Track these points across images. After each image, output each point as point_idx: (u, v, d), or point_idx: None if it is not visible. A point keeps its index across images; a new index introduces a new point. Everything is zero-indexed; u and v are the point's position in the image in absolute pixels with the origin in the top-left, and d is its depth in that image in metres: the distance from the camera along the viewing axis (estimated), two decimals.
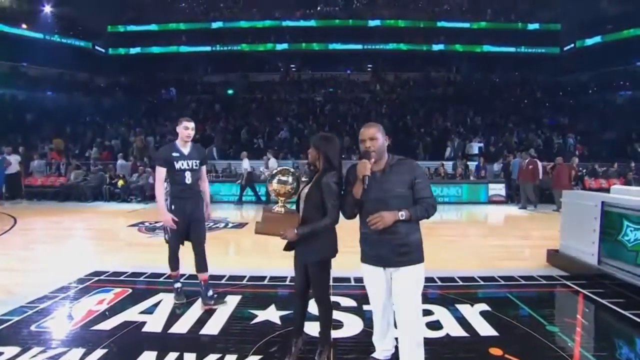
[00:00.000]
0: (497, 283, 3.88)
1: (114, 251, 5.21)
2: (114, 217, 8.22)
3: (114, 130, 16.13)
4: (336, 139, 2.28)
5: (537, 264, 4.51)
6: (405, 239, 2.02)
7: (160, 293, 3.52)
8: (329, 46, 24.05)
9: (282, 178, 2.19)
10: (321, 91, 21.60)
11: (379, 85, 22.17)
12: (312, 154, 2.27)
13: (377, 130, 2.06)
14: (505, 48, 23.32)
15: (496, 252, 5.22)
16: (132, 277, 3.97)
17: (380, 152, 2.05)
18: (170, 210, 3.11)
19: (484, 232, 7.10)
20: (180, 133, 3.14)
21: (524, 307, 3.25)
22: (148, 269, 4.19)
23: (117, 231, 6.64)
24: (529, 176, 9.18)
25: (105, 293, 3.54)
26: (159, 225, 7.04)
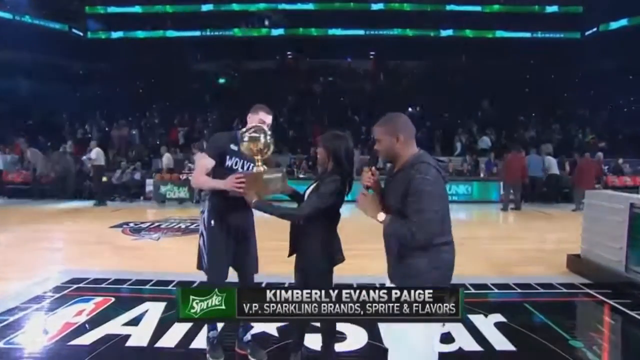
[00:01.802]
0: (513, 291, 3.85)
1: (94, 256, 5.15)
2: (95, 217, 8.14)
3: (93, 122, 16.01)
4: (348, 138, 2.21)
5: (555, 270, 4.48)
6: (398, 258, 1.74)
7: (147, 302, 3.46)
8: (328, 32, 23.90)
9: (254, 135, 2.16)
10: (319, 80, 21.50)
11: (382, 75, 22.07)
12: (322, 154, 2.21)
13: (381, 130, 1.80)
14: (520, 33, 23.03)
15: (510, 256, 5.19)
16: (114, 285, 3.91)
17: (387, 155, 1.82)
18: (209, 227, 2.51)
19: (496, 234, 7.07)
20: (251, 124, 2.43)
21: (543, 318, 3.22)
22: (133, 275, 4.13)
23: (98, 233, 6.56)
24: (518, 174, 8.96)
25: (85, 303, 3.47)
26: (146, 226, 7.01)
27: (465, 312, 3.17)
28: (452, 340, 2.82)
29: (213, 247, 2.51)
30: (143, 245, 5.75)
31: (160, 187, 9.67)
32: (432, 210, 1.60)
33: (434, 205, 1.61)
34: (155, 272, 4.27)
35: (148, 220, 7.72)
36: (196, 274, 3.79)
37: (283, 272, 2.65)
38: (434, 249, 1.68)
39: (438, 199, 1.63)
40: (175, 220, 7.62)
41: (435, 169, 1.68)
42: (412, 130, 1.80)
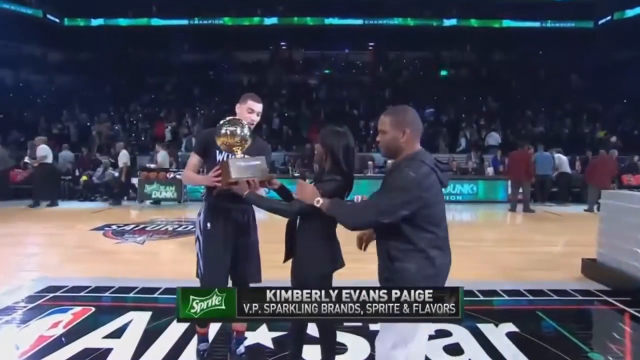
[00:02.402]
0: (525, 298, 3.83)
1: (73, 261, 5.07)
2: (74, 219, 8.07)
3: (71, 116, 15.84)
4: (349, 135, 2.18)
5: (569, 275, 4.46)
6: (388, 262, 1.77)
7: (130, 312, 3.39)
8: (325, 21, 23.81)
9: (230, 129, 2.17)
10: (315, 73, 21.45)
11: (381, 67, 22.05)
12: (319, 152, 2.18)
13: (388, 121, 1.80)
14: (528, 23, 22.92)
15: (519, 260, 5.17)
16: (95, 293, 3.83)
17: (388, 148, 1.83)
18: (205, 230, 2.46)
19: (504, 237, 7.08)
20: (240, 115, 2.44)
21: (558, 327, 3.18)
22: (115, 282, 4.06)
23: (77, 236, 6.50)
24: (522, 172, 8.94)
25: (62, 314, 3.39)
26: (130, 228, 6.93)
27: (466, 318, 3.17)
28: (462, 352, 2.78)
29: (209, 253, 2.44)
30: (127, 249, 5.68)
31: (146, 187, 9.58)
32: (388, 202, 1.65)
33: (396, 199, 1.64)
34: (140, 278, 4.20)
35: (132, 222, 7.65)
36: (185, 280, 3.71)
37: (278, 278, 2.59)
38: (422, 255, 1.69)
39: (406, 198, 1.64)
40: (161, 222, 7.57)
41: (431, 169, 1.69)
42: (419, 127, 1.80)
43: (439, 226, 1.73)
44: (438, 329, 2.97)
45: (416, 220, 1.69)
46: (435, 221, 1.71)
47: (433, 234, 1.71)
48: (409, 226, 1.70)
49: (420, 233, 1.70)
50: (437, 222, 1.72)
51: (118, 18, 23.55)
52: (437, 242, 1.72)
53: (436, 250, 1.72)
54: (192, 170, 2.50)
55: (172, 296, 3.75)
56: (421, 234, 1.70)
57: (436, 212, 1.72)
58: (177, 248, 5.74)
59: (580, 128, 14.92)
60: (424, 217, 1.69)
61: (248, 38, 23.27)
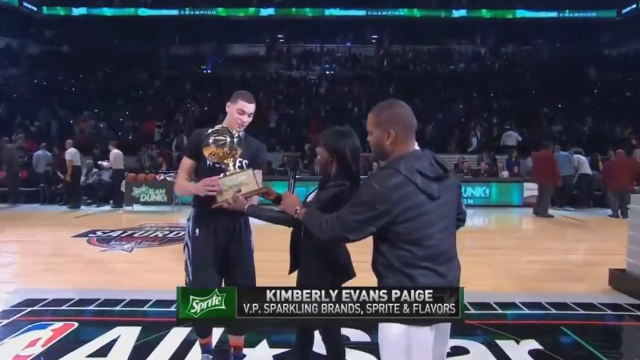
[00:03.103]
0: (547, 312, 3.77)
1: (53, 271, 4.99)
2: (55, 224, 8.00)
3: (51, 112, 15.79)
4: (354, 136, 2.16)
5: (595, 287, 4.40)
6: (376, 276, 1.71)
7: (117, 327, 3.32)
8: (325, 12, 23.90)
9: (217, 138, 2.19)
10: (315, 68, 21.48)
11: (386, 61, 22.08)
12: (323, 156, 2.16)
13: (372, 120, 1.72)
14: (544, 13, 23.04)
15: (539, 269, 5.13)
16: (77, 306, 3.76)
17: (375, 151, 1.76)
18: (194, 236, 2.48)
19: (520, 244, 7.04)
20: (230, 115, 2.43)
21: (587, 345, 3.12)
22: (101, 294, 4.00)
23: (58, 243, 6.43)
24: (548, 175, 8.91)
25: (41, 330, 3.31)
26: (117, 234, 6.88)
27: (483, 333, 3.11)
28: None
29: (198, 261, 2.46)
30: (113, 257, 5.62)
31: (134, 190, 9.54)
32: (352, 218, 1.62)
33: (360, 215, 1.60)
34: (128, 289, 4.15)
35: (119, 227, 7.58)
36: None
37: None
38: (399, 272, 1.61)
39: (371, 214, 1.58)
40: (150, 228, 7.54)
41: (407, 179, 1.57)
42: (408, 126, 1.68)
43: (418, 244, 1.60)
44: (454, 346, 2.92)
45: (387, 236, 1.61)
46: (410, 239, 1.60)
47: (408, 252, 1.60)
48: (383, 242, 1.64)
49: (394, 250, 1.62)
50: (413, 240, 1.60)
51: (102, 7, 23.57)
52: (413, 261, 1.61)
53: (417, 269, 1.61)
54: (185, 175, 2.52)
55: (164, 309, 3.70)
56: (395, 252, 1.62)
57: (412, 229, 1.59)
58: (168, 256, 5.67)
59: (601, 126, 14.89)
60: (395, 234, 1.60)
61: (243, 30, 23.32)
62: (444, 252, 1.68)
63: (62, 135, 13.93)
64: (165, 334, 3.20)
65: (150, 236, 6.88)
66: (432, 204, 1.62)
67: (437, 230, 1.64)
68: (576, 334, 3.28)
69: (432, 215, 1.62)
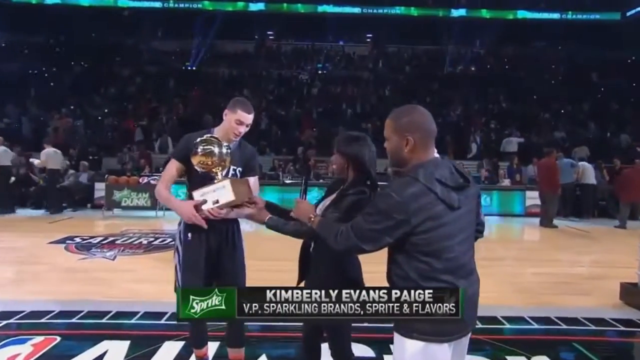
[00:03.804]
0: (556, 327, 3.81)
1: (29, 280, 4.91)
2: (28, 229, 7.89)
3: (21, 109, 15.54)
4: (369, 141, 2.21)
5: (604, 301, 4.46)
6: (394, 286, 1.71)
7: (105, 341, 3.27)
8: (318, 8, 23.98)
9: (206, 147, 2.28)
10: (307, 67, 21.52)
11: (381, 61, 22.22)
12: (338, 162, 2.22)
13: (390, 126, 1.74)
14: (546, 14, 23.40)
15: (544, 282, 5.19)
16: (59, 319, 3.70)
17: (392, 158, 1.77)
18: (186, 241, 2.53)
19: (524, 255, 7.14)
20: (227, 123, 2.50)
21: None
22: (83, 305, 3.94)
23: (33, 251, 6.31)
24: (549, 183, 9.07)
25: (19, 345, 3.23)
26: (97, 241, 6.79)
27: (492, 349, 3.15)
28: None
29: (189, 266, 2.51)
30: (95, 266, 5.54)
31: (115, 193, 9.42)
32: (369, 227, 1.63)
33: (377, 224, 1.61)
34: (114, 300, 4.11)
35: (99, 234, 7.51)
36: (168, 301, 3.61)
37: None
38: (414, 284, 1.62)
39: (388, 224, 1.59)
40: (134, 235, 7.47)
41: (427, 188, 1.58)
42: (428, 132, 1.69)
43: (437, 257, 1.61)
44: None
45: (405, 247, 1.62)
46: (428, 250, 1.61)
47: (426, 264, 1.61)
48: (399, 253, 1.65)
49: (411, 262, 1.63)
50: (432, 251, 1.61)
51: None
52: (431, 274, 1.61)
53: (435, 282, 1.62)
54: (169, 180, 2.54)
55: (154, 321, 3.67)
56: (412, 263, 1.63)
57: (431, 240, 1.60)
58: (155, 265, 5.62)
59: (605, 133, 15.16)
60: (413, 245, 1.61)
61: (230, 25, 23.26)
62: (464, 265, 1.69)
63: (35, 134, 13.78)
64: (157, 348, 3.17)
65: (134, 243, 6.81)
66: (452, 214, 1.62)
67: (457, 242, 1.65)
68: (589, 350, 3.32)
69: (452, 226, 1.63)
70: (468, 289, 1.68)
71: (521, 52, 22.68)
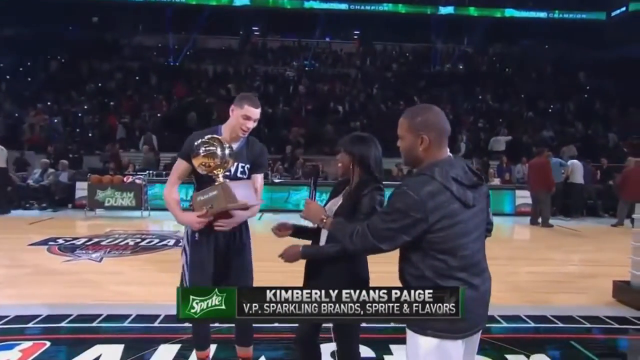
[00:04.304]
0: (553, 325, 3.90)
1: (11, 284, 4.80)
2: (8, 231, 7.77)
3: None
4: (376, 141, 2.27)
5: (598, 299, 4.57)
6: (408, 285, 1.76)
7: (97, 345, 3.22)
8: (305, 4, 23.99)
9: (209, 149, 2.30)
10: (293, 64, 21.47)
11: (369, 59, 22.30)
12: (344, 163, 2.25)
13: (405, 125, 1.76)
14: (534, 13, 23.86)
15: (538, 281, 5.29)
16: (47, 323, 3.64)
17: (407, 157, 1.81)
18: (193, 241, 2.55)
19: (517, 254, 7.22)
20: (234, 119, 2.50)
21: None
22: (72, 309, 3.88)
23: (13, 253, 6.18)
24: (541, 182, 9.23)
25: (7, 351, 3.16)
26: (82, 242, 6.72)
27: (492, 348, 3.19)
28: None
29: (196, 267, 2.53)
30: (81, 268, 5.45)
31: (98, 193, 9.25)
32: (386, 226, 1.66)
33: (394, 223, 1.64)
34: (103, 304, 4.05)
35: (82, 235, 7.39)
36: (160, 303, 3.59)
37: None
38: (431, 284, 1.65)
39: (406, 222, 1.62)
40: (120, 236, 7.38)
41: (443, 186, 1.62)
42: (442, 131, 1.73)
43: (453, 254, 1.66)
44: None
45: (421, 245, 1.66)
46: (444, 248, 1.65)
47: (442, 262, 1.65)
48: (414, 252, 1.68)
49: (427, 260, 1.67)
50: (448, 249, 1.65)
51: None
52: (447, 272, 1.66)
53: (450, 280, 1.66)
54: (175, 182, 2.57)
55: (147, 324, 3.64)
56: (428, 261, 1.67)
57: (447, 238, 1.64)
58: (143, 266, 5.56)
59: (591, 132, 15.48)
60: (429, 243, 1.65)
61: (215, 21, 23.09)
62: (478, 262, 1.73)
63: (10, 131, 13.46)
64: (153, 351, 3.15)
65: (121, 244, 6.72)
66: (467, 212, 1.66)
67: (471, 239, 1.69)
68: (586, 348, 3.40)
69: (467, 224, 1.67)
70: (480, 287, 1.72)
71: (509, 51, 23.03)
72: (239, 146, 2.58)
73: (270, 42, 23.61)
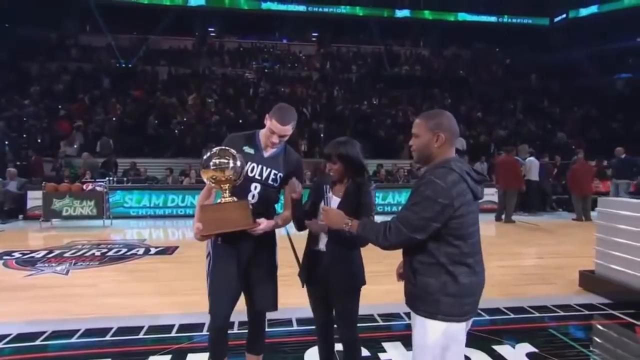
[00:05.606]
0: (531, 315, 4.11)
1: None
2: None
3: None
4: (356, 141, 2.46)
5: (567, 289, 4.86)
6: (411, 275, 1.93)
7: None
8: (262, 5, 23.86)
9: (220, 161, 2.20)
10: (252, 65, 21.29)
11: (328, 61, 22.46)
12: (337, 168, 2.39)
13: (424, 124, 1.93)
14: (484, 17, 24.91)
15: (511, 274, 5.53)
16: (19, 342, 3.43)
17: (420, 154, 1.96)
18: (215, 245, 2.49)
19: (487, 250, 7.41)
20: (266, 129, 2.45)
21: (578, 347, 3.45)
22: (45, 325, 3.70)
23: None
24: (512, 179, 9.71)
25: None
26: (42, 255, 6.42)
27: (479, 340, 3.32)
28: None
29: (216, 271, 2.47)
30: (46, 282, 5.17)
31: (54, 202, 8.76)
32: (418, 216, 1.79)
33: (425, 212, 1.78)
34: (79, 318, 3.89)
35: (40, 247, 7.02)
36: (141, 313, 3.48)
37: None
38: (442, 269, 1.83)
39: (437, 209, 1.78)
40: (83, 246, 7.07)
41: (460, 177, 1.81)
42: (454, 132, 1.94)
43: (465, 240, 1.83)
44: None
45: (440, 231, 1.81)
46: (460, 234, 1.82)
47: (456, 248, 1.82)
48: (432, 240, 1.83)
49: (442, 246, 1.82)
50: (462, 235, 1.83)
51: None
52: (459, 257, 1.83)
53: (460, 266, 1.83)
54: (209, 187, 2.45)
55: (132, 337, 3.53)
56: (442, 247, 1.82)
57: (463, 225, 1.82)
58: (116, 277, 5.34)
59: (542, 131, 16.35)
60: (449, 229, 1.80)
61: (168, 21, 22.50)
62: (479, 251, 1.92)
63: None
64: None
65: (86, 255, 6.44)
66: (475, 203, 1.89)
67: (476, 229, 1.90)
68: (564, 335, 3.64)
69: (475, 214, 1.90)
70: (481, 274, 1.93)
71: (461, 53, 23.93)
72: (276, 152, 2.52)
73: (227, 44, 23.30)
